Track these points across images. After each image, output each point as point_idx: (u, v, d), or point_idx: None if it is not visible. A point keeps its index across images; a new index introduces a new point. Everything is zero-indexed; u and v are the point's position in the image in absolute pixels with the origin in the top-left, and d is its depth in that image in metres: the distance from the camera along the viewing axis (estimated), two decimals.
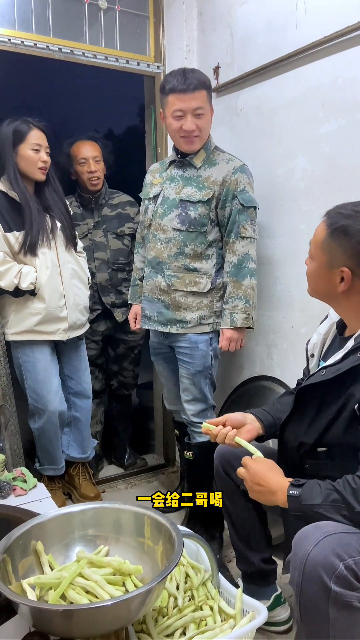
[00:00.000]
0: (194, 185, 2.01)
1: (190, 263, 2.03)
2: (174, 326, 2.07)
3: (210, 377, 2.11)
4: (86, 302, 2.30)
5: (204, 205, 1.99)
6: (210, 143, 2.06)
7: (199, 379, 2.08)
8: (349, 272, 1.27)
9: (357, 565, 1.08)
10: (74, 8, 2.40)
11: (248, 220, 1.99)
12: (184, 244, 2.02)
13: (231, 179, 1.98)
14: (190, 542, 1.42)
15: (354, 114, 1.81)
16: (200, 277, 2.03)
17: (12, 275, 2.05)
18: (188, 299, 2.04)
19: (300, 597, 1.11)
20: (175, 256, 2.03)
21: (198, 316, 2.04)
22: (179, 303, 2.05)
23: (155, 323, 2.12)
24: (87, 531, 1.31)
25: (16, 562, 1.16)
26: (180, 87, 1.91)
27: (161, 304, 2.08)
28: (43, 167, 2.12)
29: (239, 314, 1.99)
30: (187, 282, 2.03)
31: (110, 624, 1.05)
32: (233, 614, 1.32)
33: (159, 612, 1.29)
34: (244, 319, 2.00)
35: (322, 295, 1.38)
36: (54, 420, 2.23)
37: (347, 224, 1.26)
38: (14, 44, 2.26)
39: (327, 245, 1.29)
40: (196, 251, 2.02)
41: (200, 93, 1.92)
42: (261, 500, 1.33)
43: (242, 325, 2.00)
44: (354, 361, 1.24)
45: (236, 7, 2.29)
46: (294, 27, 1.99)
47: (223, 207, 2.00)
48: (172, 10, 2.60)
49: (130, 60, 2.55)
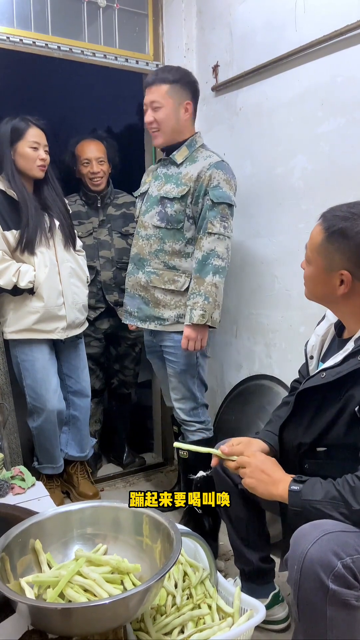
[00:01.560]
0: (173, 182, 2.02)
1: (169, 260, 2.03)
2: (152, 323, 2.08)
3: (198, 376, 2.10)
4: (85, 301, 2.30)
5: (179, 202, 1.99)
6: (195, 141, 2.06)
7: (185, 377, 2.07)
8: (348, 275, 1.26)
9: (354, 564, 1.08)
10: (72, 6, 2.40)
11: (217, 216, 1.94)
12: (163, 241, 2.03)
13: (205, 175, 1.96)
14: (188, 540, 1.42)
15: (353, 113, 1.81)
16: (179, 275, 2.03)
17: (11, 273, 2.05)
18: (167, 296, 2.04)
19: (298, 595, 1.11)
20: (156, 253, 2.04)
21: (176, 314, 2.03)
22: (157, 300, 2.05)
23: (135, 319, 2.14)
24: (86, 530, 1.31)
25: (14, 560, 1.16)
26: (145, 82, 2.03)
27: (141, 300, 2.09)
28: (41, 164, 2.11)
29: (196, 310, 1.94)
30: (165, 280, 2.04)
31: (108, 623, 1.05)
32: (231, 612, 1.32)
33: (157, 611, 1.29)
34: (200, 316, 1.93)
35: (320, 298, 1.37)
36: (53, 419, 2.23)
37: (345, 226, 1.25)
38: (13, 42, 2.26)
39: (325, 249, 1.28)
40: (174, 248, 2.02)
41: (158, 87, 1.97)
42: (258, 490, 1.32)
43: (198, 322, 1.93)
44: (354, 364, 1.23)
45: (235, 5, 2.29)
46: (293, 26, 1.99)
47: (196, 203, 1.98)
48: (172, 9, 2.60)
49: (129, 58, 2.55)
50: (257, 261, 2.29)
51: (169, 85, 1.97)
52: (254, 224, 2.28)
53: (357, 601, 1.08)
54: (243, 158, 2.27)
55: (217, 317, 1.97)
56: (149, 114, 2.01)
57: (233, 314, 2.44)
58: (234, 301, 2.42)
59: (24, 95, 3.26)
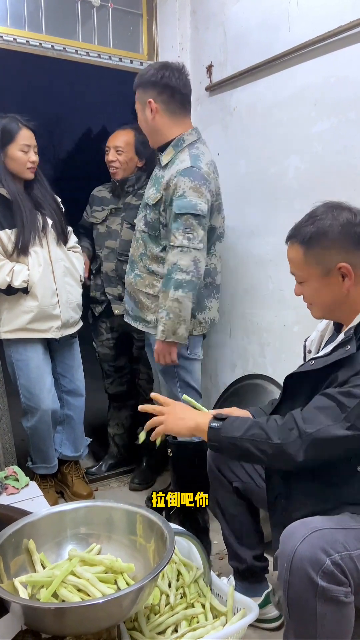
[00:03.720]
0: (155, 187, 1.99)
1: (150, 265, 2.03)
2: (140, 324, 2.10)
3: (180, 378, 2.05)
4: (79, 300, 2.30)
5: (154, 209, 1.97)
6: (183, 140, 1.95)
7: (166, 378, 2.07)
8: (347, 266, 1.25)
9: (343, 561, 1.09)
10: (66, 5, 2.40)
11: (180, 228, 1.84)
12: (145, 245, 2.03)
13: (172, 183, 1.87)
14: (182, 539, 1.42)
15: (346, 113, 1.82)
16: (157, 280, 2.01)
17: (5, 273, 2.04)
18: (148, 300, 2.05)
19: (287, 593, 1.12)
20: (141, 256, 2.05)
21: (155, 318, 2.01)
22: (142, 302, 2.07)
23: (129, 317, 2.18)
24: (79, 529, 1.31)
25: (8, 560, 1.16)
26: None
27: (132, 300, 2.12)
28: (32, 167, 2.10)
29: (159, 325, 1.90)
30: (146, 284, 2.04)
31: (102, 622, 1.05)
32: (224, 611, 1.33)
33: (150, 610, 1.29)
34: (161, 332, 1.89)
35: (332, 306, 1.33)
36: (47, 418, 2.23)
37: (317, 227, 1.27)
38: (7, 41, 2.26)
39: (312, 258, 1.28)
40: (153, 253, 2.01)
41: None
42: (181, 431, 1.34)
43: (159, 338, 1.90)
44: (341, 353, 1.24)
45: (229, 5, 2.29)
46: (287, 26, 2.00)
47: (166, 211, 1.94)
48: (165, 8, 2.60)
49: (124, 58, 2.55)
50: (251, 261, 2.29)
51: (139, 87, 1.96)
52: (247, 223, 2.28)
53: (347, 597, 1.10)
54: (237, 158, 2.27)
55: (182, 332, 1.90)
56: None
57: (227, 313, 2.44)
58: (228, 301, 2.42)
59: (18, 94, 3.26)
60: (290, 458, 1.18)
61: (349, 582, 1.10)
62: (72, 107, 10.82)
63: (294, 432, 1.18)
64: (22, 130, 2.07)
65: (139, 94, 1.97)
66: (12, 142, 2.06)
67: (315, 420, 1.17)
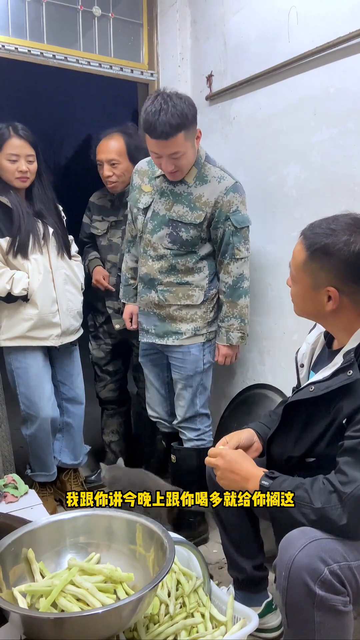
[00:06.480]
0: (185, 204, 1.97)
1: (182, 278, 2.03)
2: (170, 338, 2.08)
3: (201, 382, 2.11)
4: (79, 308, 2.30)
5: (196, 228, 1.97)
6: (201, 157, 1.97)
7: (191, 382, 2.08)
8: (335, 292, 1.25)
9: (341, 570, 1.09)
10: (68, 15, 2.42)
11: (242, 241, 2.00)
12: (175, 261, 2.01)
13: (223, 200, 1.94)
14: (181, 548, 1.41)
15: (345, 123, 1.84)
16: (192, 289, 2.03)
17: (4, 280, 2.04)
18: (182, 311, 2.05)
19: (286, 602, 1.12)
20: (167, 272, 2.03)
21: (193, 327, 2.05)
22: (173, 316, 2.06)
23: (152, 336, 2.12)
24: (79, 538, 1.30)
25: (7, 569, 1.15)
26: (154, 134, 1.79)
27: (156, 317, 2.09)
28: (20, 177, 2.08)
29: (234, 332, 2.06)
30: (180, 296, 2.04)
31: (101, 632, 1.05)
32: (224, 620, 1.32)
33: (150, 620, 1.28)
34: (239, 338, 2.07)
35: (310, 315, 1.36)
36: (46, 426, 2.22)
37: (327, 243, 1.24)
38: (8, 51, 2.28)
39: (309, 267, 1.28)
40: (187, 266, 2.02)
41: (174, 139, 1.79)
42: (234, 489, 1.32)
43: (237, 343, 2.08)
44: (343, 380, 1.22)
45: (229, 16, 2.31)
46: (287, 37, 2.02)
47: (215, 227, 1.98)
48: (166, 18, 2.62)
49: (124, 67, 2.57)
50: (250, 269, 2.29)
51: (185, 129, 1.80)
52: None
53: (345, 607, 1.09)
54: (237, 167, 2.28)
55: (247, 332, 2.11)
56: (168, 163, 1.86)
57: None
58: None
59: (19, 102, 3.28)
60: (333, 522, 1.14)
61: (347, 591, 1.10)
62: (73, 116, 10.90)
63: (334, 495, 1.14)
64: (11, 139, 2.04)
65: (189, 131, 1.83)
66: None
67: (351, 477, 1.14)
